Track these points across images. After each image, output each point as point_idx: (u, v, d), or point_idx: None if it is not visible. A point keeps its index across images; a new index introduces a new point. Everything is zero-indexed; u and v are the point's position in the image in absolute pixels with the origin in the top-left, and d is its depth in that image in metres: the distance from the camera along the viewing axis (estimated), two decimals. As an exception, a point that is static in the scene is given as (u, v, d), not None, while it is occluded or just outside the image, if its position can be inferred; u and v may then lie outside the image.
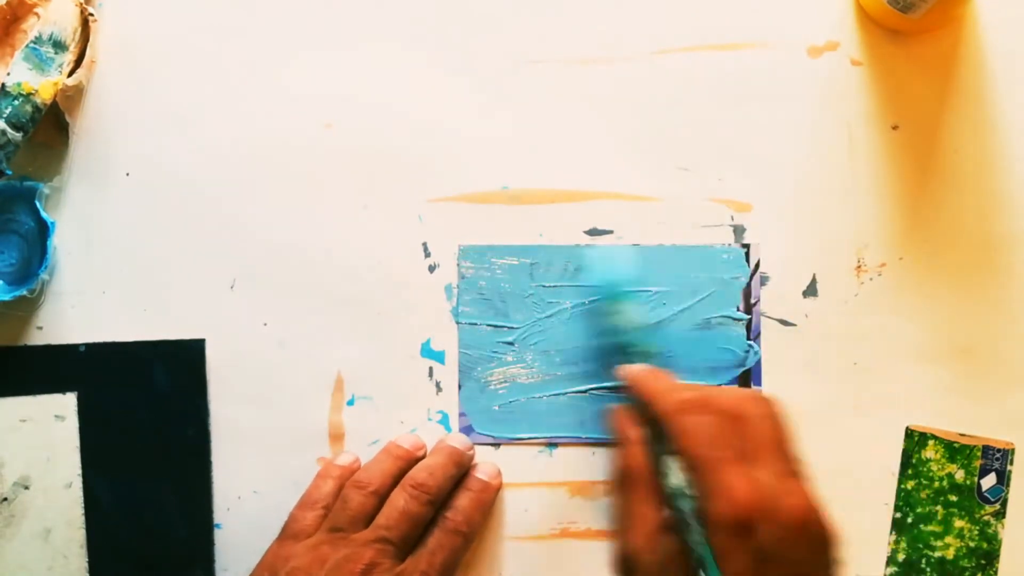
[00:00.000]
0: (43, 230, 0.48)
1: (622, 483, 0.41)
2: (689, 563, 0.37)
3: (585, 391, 0.49)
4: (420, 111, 0.49)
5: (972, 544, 0.48)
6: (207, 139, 0.50)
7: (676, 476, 0.39)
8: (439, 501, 0.46)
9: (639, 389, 0.43)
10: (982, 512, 0.48)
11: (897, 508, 0.48)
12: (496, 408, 0.49)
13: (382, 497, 0.46)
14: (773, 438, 0.39)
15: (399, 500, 0.45)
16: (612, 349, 0.47)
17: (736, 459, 0.38)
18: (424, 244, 0.49)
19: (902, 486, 0.48)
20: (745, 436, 0.39)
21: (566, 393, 0.49)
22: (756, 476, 0.37)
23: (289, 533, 0.46)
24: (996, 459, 0.47)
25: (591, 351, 0.48)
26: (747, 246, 0.49)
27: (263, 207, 0.49)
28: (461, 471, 0.47)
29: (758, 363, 0.48)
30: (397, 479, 0.46)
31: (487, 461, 0.48)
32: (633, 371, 0.44)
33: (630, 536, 0.40)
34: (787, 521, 0.37)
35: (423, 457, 0.48)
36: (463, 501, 0.46)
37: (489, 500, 0.48)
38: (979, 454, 0.48)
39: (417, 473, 0.46)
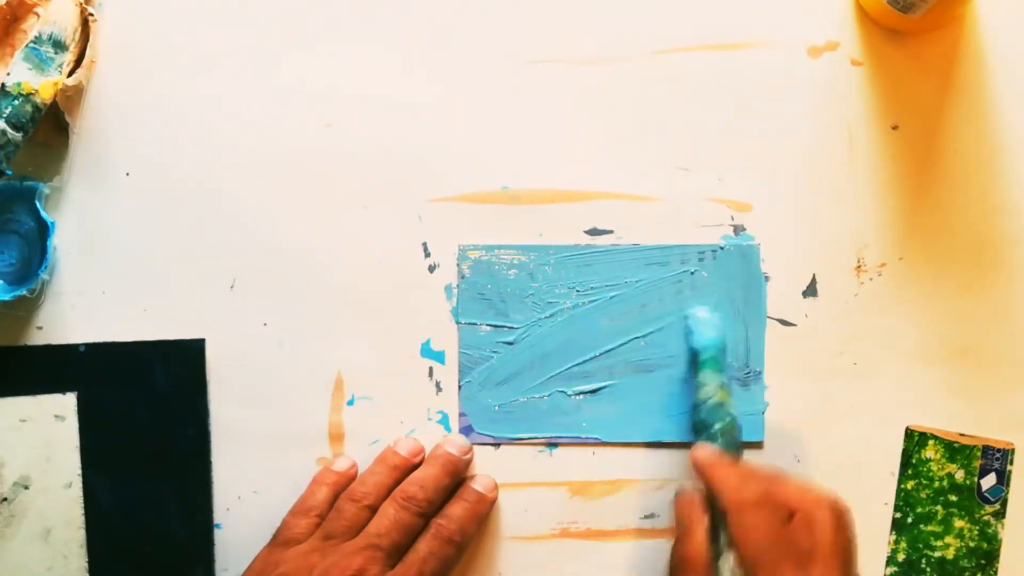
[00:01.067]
0: (43, 230, 0.48)
1: (678, 569, 0.42)
2: None
3: (585, 391, 0.49)
4: (420, 111, 0.49)
5: (972, 544, 0.48)
6: (207, 139, 0.50)
7: (731, 572, 0.39)
8: (431, 512, 0.46)
9: (706, 477, 0.43)
10: (982, 512, 0.48)
11: (897, 508, 0.48)
12: (496, 408, 0.49)
13: (376, 510, 0.46)
14: (834, 547, 0.39)
15: (390, 509, 0.45)
16: (694, 422, 0.46)
17: (791, 563, 0.38)
18: (424, 244, 0.49)
19: (902, 486, 0.48)
20: (805, 540, 0.39)
21: (566, 393, 0.49)
22: None
23: (280, 540, 0.46)
24: (996, 459, 0.47)
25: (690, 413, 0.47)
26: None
27: (263, 207, 0.49)
28: (456, 480, 0.47)
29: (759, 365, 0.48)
30: (393, 490, 0.46)
31: (484, 474, 0.48)
32: (703, 456, 0.44)
33: None
34: None
35: (421, 463, 0.47)
36: (457, 510, 0.46)
37: (484, 512, 0.47)
38: (979, 454, 0.48)
39: (408, 487, 0.46)
